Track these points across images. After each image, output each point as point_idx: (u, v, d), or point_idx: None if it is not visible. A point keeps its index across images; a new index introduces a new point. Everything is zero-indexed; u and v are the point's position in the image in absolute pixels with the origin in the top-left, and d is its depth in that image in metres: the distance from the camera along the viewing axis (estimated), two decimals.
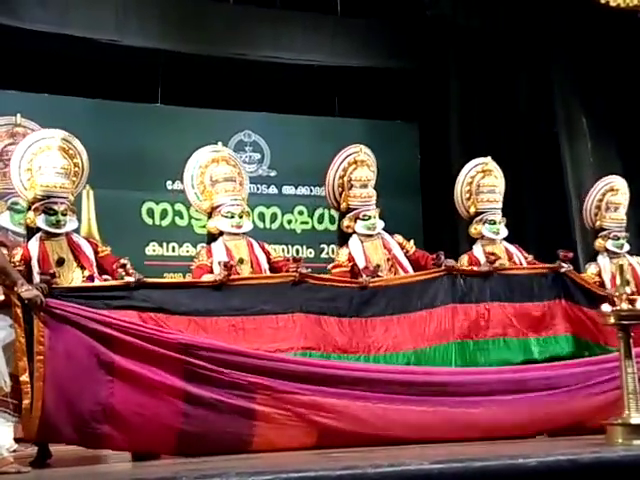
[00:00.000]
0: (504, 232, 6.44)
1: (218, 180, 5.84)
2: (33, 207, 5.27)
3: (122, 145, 8.94)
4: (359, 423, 4.59)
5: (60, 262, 5.14)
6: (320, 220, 9.87)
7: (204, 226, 9.36)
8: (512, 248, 6.43)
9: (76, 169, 5.46)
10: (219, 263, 5.42)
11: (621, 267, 4.54)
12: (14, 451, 4.29)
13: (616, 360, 4.97)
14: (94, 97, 9.00)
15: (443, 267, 5.74)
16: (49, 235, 5.22)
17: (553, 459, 3.28)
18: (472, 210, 6.48)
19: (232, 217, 5.73)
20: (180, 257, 9.03)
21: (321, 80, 9.90)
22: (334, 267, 5.98)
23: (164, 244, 9.21)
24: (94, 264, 5.24)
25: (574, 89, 9.57)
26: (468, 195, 6.53)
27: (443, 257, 5.80)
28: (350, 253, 5.92)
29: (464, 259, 6.27)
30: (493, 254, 6.09)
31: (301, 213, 9.83)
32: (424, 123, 10.34)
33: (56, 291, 4.64)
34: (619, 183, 6.82)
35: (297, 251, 9.44)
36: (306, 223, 9.82)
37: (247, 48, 9.51)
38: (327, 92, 10.07)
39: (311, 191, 9.85)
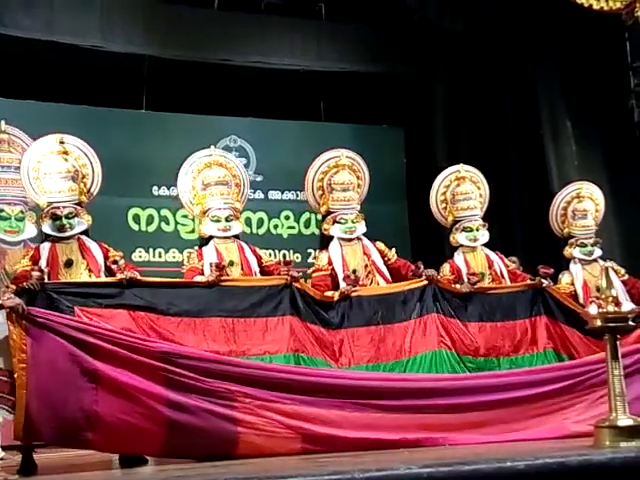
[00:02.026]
0: (484, 238, 6.42)
1: (210, 184, 5.89)
2: (43, 214, 5.42)
3: (108, 151, 8.82)
4: (340, 430, 4.58)
5: (68, 263, 5.27)
6: (307, 225, 9.87)
7: (191, 231, 9.42)
8: (493, 255, 6.41)
9: (84, 170, 5.57)
10: (210, 264, 5.46)
11: (607, 270, 4.54)
12: (1, 459, 4.28)
13: (587, 364, 5.04)
14: (79, 103, 8.96)
15: (424, 277, 5.74)
16: (60, 238, 5.33)
17: (541, 462, 3.28)
18: (450, 219, 6.50)
19: (218, 221, 5.78)
20: (167, 263, 9.01)
21: (307, 85, 9.90)
22: (314, 271, 6.00)
23: (150, 250, 9.19)
24: (102, 268, 5.35)
25: (559, 92, 9.61)
26: (444, 205, 6.54)
27: (422, 267, 5.81)
28: (330, 257, 5.95)
29: (446, 268, 6.27)
30: (474, 274, 6.06)
31: (287, 218, 9.83)
32: (410, 127, 10.35)
33: (48, 286, 4.74)
34: (585, 190, 6.79)
35: (284, 256, 9.43)
36: (293, 228, 9.82)
37: (232, 53, 9.51)
38: (313, 97, 10.08)
39: (297, 196, 9.83)
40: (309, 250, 9.45)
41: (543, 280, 6.01)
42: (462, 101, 10.13)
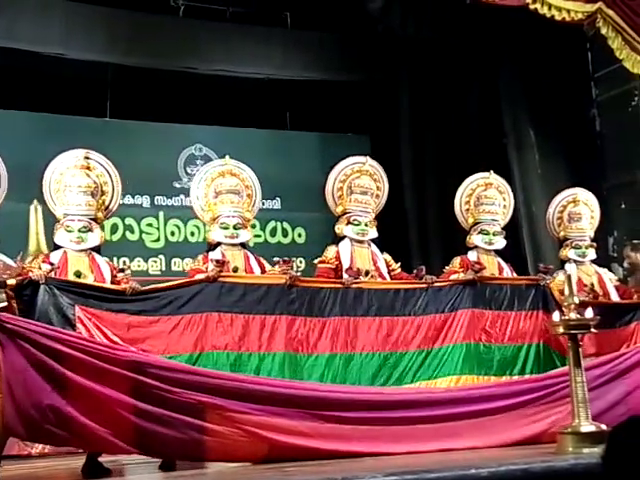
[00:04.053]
0: (498, 244, 6.57)
1: (221, 192, 6.00)
2: (58, 224, 5.53)
3: None
4: (308, 440, 4.58)
5: (77, 274, 5.36)
6: (273, 233, 9.86)
7: (156, 240, 9.37)
8: (504, 264, 6.56)
9: (105, 187, 5.69)
10: (211, 260, 5.61)
11: (569, 277, 4.60)
12: None
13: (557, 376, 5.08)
14: (41, 111, 8.89)
15: (424, 281, 5.94)
16: (71, 250, 5.44)
17: (505, 469, 3.30)
18: (470, 221, 6.65)
19: (226, 228, 5.88)
20: (132, 272, 8.92)
21: (272, 93, 9.90)
22: (320, 262, 6.13)
23: (115, 259, 9.09)
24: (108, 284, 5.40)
25: (522, 101, 9.71)
26: (467, 207, 6.70)
27: (424, 271, 6.05)
28: (338, 251, 6.08)
29: (456, 261, 6.46)
30: (479, 263, 6.23)
31: (253, 226, 9.77)
32: (375, 136, 10.38)
33: (52, 282, 4.92)
34: (581, 195, 6.93)
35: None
36: (259, 237, 9.79)
37: (197, 61, 9.48)
38: (278, 105, 10.08)
39: (263, 204, 9.80)
40: (275, 259, 9.44)
41: (543, 275, 6.18)
42: (427, 109, 10.20)
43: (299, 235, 10.01)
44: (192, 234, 9.48)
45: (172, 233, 9.46)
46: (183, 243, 9.47)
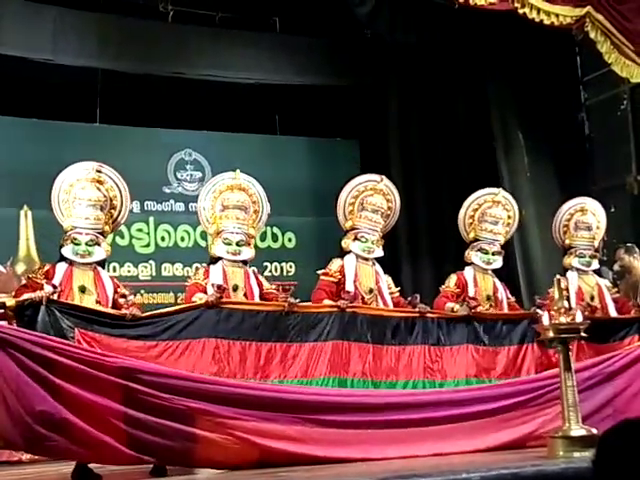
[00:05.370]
0: (496, 264, 6.54)
1: (228, 206, 5.95)
2: (65, 236, 5.48)
3: (60, 165, 8.76)
4: (298, 446, 4.58)
5: (82, 289, 5.33)
6: (262, 238, 9.84)
7: (146, 245, 9.35)
8: (499, 284, 6.54)
9: (115, 201, 5.63)
10: (212, 285, 5.55)
11: (558, 281, 4.60)
12: None
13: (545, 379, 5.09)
14: (31, 117, 8.87)
15: (417, 310, 5.92)
16: (77, 263, 5.41)
17: (496, 473, 3.31)
18: (471, 235, 6.61)
19: (229, 244, 5.84)
20: (122, 277, 8.90)
21: (262, 98, 9.90)
22: (323, 274, 6.11)
23: (105, 264, 9.07)
24: (110, 303, 5.39)
25: (511, 105, 9.73)
26: (470, 221, 6.65)
27: (418, 300, 6.00)
28: (342, 266, 6.06)
29: (452, 279, 6.42)
30: (474, 299, 6.19)
31: None
32: (364, 140, 10.40)
33: (55, 304, 4.88)
34: (589, 204, 6.92)
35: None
36: None
37: (186, 66, 9.47)
38: (268, 110, 10.08)
39: None
40: (265, 263, 9.45)
41: (538, 310, 6.07)
42: (416, 113, 10.20)
43: (289, 240, 10.01)
44: (182, 239, 9.46)
45: (162, 238, 9.44)
46: (173, 248, 9.45)
